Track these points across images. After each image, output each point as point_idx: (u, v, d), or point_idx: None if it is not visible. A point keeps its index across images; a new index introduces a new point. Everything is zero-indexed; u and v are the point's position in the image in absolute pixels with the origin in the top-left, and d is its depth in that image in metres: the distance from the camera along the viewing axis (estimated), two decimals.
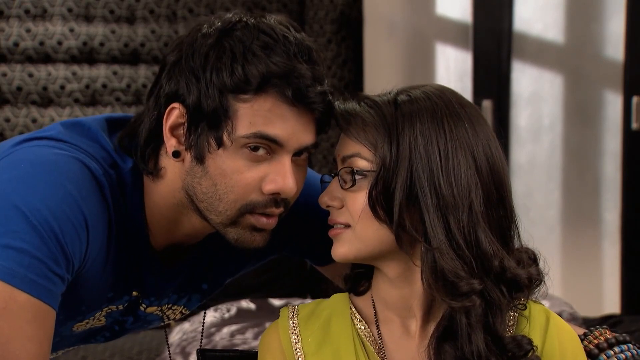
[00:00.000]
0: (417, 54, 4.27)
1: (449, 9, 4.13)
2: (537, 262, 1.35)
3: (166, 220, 1.43)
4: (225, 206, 1.36)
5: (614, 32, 3.62)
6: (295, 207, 1.45)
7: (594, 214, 3.76)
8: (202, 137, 1.35)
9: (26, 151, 1.36)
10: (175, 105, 1.36)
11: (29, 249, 1.25)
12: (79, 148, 1.38)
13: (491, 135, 1.33)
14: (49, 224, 1.27)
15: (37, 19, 3.73)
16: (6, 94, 3.70)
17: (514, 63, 3.90)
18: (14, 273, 1.24)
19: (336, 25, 4.26)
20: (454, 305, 1.27)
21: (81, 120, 1.45)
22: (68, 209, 1.29)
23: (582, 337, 1.42)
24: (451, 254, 1.26)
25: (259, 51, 1.33)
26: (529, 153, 3.87)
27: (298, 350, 1.35)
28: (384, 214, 1.28)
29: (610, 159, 3.68)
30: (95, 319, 1.47)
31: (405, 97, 1.31)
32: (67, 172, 1.33)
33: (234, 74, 1.32)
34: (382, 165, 1.28)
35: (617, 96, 3.61)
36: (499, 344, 1.27)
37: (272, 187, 1.35)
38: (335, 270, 1.58)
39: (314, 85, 1.33)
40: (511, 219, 1.33)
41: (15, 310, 1.24)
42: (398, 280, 1.33)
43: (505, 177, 1.32)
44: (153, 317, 1.55)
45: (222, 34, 1.35)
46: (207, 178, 1.36)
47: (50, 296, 1.27)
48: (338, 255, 1.34)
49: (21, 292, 1.24)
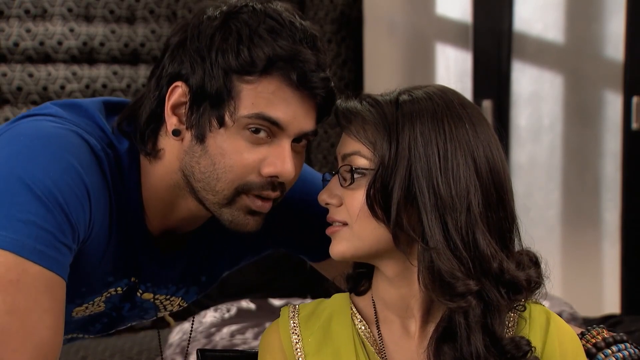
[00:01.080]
0: (417, 54, 4.27)
1: (449, 9, 4.13)
2: (538, 264, 1.35)
3: (162, 202, 1.44)
4: (222, 185, 1.37)
5: (614, 32, 3.62)
6: (292, 202, 1.45)
7: (594, 214, 3.76)
8: (204, 117, 1.36)
9: (25, 126, 1.36)
10: (178, 84, 1.37)
11: (36, 220, 1.25)
12: (77, 125, 1.39)
13: (492, 137, 1.32)
14: (53, 195, 1.27)
15: (37, 19, 3.73)
16: (6, 94, 3.70)
17: (514, 63, 3.91)
18: (23, 245, 1.23)
19: (336, 25, 4.26)
20: (450, 305, 1.27)
21: (78, 101, 1.46)
22: (70, 180, 1.30)
23: (580, 337, 1.42)
24: (448, 254, 1.26)
25: (265, 34, 1.34)
26: (529, 153, 3.87)
27: (299, 350, 1.35)
28: (381, 212, 1.28)
29: (610, 159, 3.68)
30: (94, 304, 1.47)
31: (406, 97, 1.31)
32: (67, 145, 1.33)
33: (240, 56, 1.33)
34: (380, 164, 1.28)
35: (617, 96, 3.61)
36: (498, 345, 1.27)
37: (270, 169, 1.36)
38: (332, 268, 1.58)
39: (317, 71, 1.35)
40: (511, 221, 1.32)
41: (29, 282, 1.23)
42: (396, 280, 1.33)
43: (505, 179, 1.32)
44: (149, 304, 1.55)
45: (228, 16, 1.37)
46: (206, 157, 1.37)
47: (60, 267, 1.27)
48: (335, 253, 1.34)
49: (33, 264, 1.24)
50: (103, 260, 1.40)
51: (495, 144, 1.32)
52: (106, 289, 1.45)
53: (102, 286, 1.44)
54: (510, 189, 1.33)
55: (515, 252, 1.33)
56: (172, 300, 1.57)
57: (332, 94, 1.38)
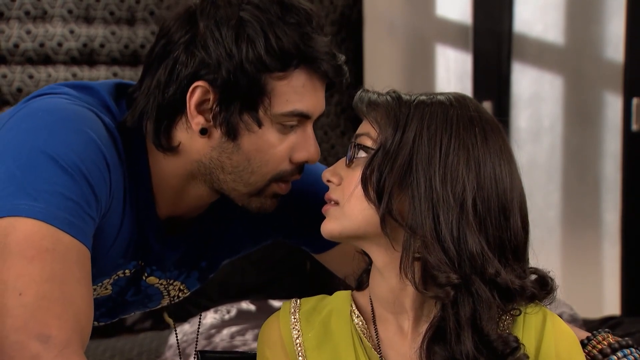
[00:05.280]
0: (417, 55, 4.28)
1: (449, 10, 4.13)
2: (545, 283, 1.36)
3: (172, 189, 1.44)
4: (256, 178, 1.40)
5: (614, 33, 3.62)
6: (293, 192, 1.47)
7: (594, 215, 3.76)
8: (235, 114, 1.36)
9: (40, 103, 1.37)
10: (199, 83, 1.36)
11: (63, 191, 1.25)
12: (90, 104, 1.39)
13: (506, 153, 1.33)
14: (78, 167, 1.27)
15: (37, 21, 3.73)
16: (6, 96, 3.70)
17: (514, 64, 3.91)
18: (55, 215, 1.23)
19: (336, 26, 4.26)
20: (428, 295, 1.29)
21: (88, 82, 1.46)
22: (92, 153, 1.30)
23: (585, 342, 1.43)
24: (437, 246, 1.27)
25: (290, 27, 1.35)
26: (529, 154, 3.87)
27: (299, 345, 1.37)
28: (373, 194, 1.30)
29: (610, 160, 3.68)
30: (103, 287, 1.47)
31: (425, 97, 1.34)
32: (85, 119, 1.34)
33: (269, 52, 1.34)
34: (381, 146, 1.30)
35: (617, 97, 3.61)
36: (486, 343, 1.28)
37: (303, 155, 1.40)
38: (335, 260, 1.59)
39: (335, 58, 1.40)
40: (517, 236, 1.32)
41: (63, 251, 1.23)
42: (385, 271, 1.34)
43: (513, 195, 1.32)
44: (153, 290, 1.55)
45: (247, 7, 1.37)
46: (240, 153, 1.38)
47: (86, 238, 1.27)
48: (324, 230, 1.36)
49: (65, 234, 1.23)
50: (116, 241, 1.40)
51: (508, 160, 1.33)
52: (115, 271, 1.45)
53: (112, 268, 1.44)
54: (521, 207, 1.34)
55: (519, 266, 1.33)
56: (174, 284, 1.58)
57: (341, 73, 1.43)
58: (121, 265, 1.45)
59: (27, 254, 1.21)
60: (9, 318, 1.18)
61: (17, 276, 1.20)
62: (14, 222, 1.22)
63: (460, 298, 1.28)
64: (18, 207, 1.23)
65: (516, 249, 1.33)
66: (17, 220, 1.22)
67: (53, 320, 1.18)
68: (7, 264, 1.20)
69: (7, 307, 1.18)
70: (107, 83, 1.47)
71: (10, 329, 1.17)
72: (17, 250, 1.21)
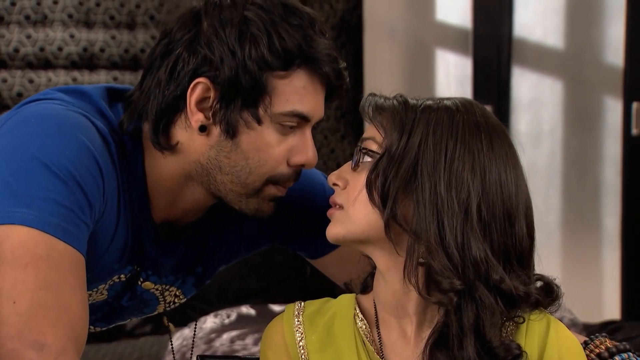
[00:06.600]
0: (417, 60, 4.28)
1: (449, 14, 4.13)
2: (550, 289, 1.35)
3: (168, 191, 1.44)
4: (253, 178, 1.39)
5: (613, 37, 3.62)
6: (290, 197, 1.46)
7: (594, 219, 3.76)
8: (235, 112, 1.36)
9: (33, 109, 1.36)
10: (201, 80, 1.36)
11: (56, 197, 1.25)
12: (83, 109, 1.39)
13: (513, 159, 1.33)
14: (71, 173, 1.27)
15: (38, 25, 3.74)
16: (6, 100, 3.70)
17: (514, 69, 3.91)
18: (48, 222, 1.23)
19: (336, 31, 4.26)
20: (431, 300, 1.29)
21: (81, 87, 1.45)
22: (85, 158, 1.30)
23: (583, 346, 1.42)
24: (440, 252, 1.27)
25: (293, 28, 1.36)
26: (529, 158, 3.86)
27: (302, 348, 1.37)
28: (378, 198, 1.30)
29: (610, 164, 3.68)
30: (98, 292, 1.47)
31: (431, 102, 1.34)
32: (78, 125, 1.33)
33: (272, 51, 1.34)
34: (387, 150, 1.30)
35: (617, 102, 3.62)
36: (488, 349, 1.28)
37: (300, 159, 1.40)
38: (331, 266, 1.59)
39: (336, 61, 1.40)
40: (522, 243, 1.32)
41: (57, 258, 1.22)
42: (388, 275, 1.34)
43: (518, 199, 1.32)
44: (149, 295, 1.55)
45: (251, 8, 1.37)
46: (238, 152, 1.38)
47: (81, 244, 1.27)
48: (329, 234, 1.36)
49: (59, 241, 1.23)
50: (110, 246, 1.40)
51: (514, 166, 1.33)
52: (110, 276, 1.45)
53: (107, 273, 1.44)
54: (527, 214, 1.34)
55: (524, 272, 1.33)
56: (170, 290, 1.57)
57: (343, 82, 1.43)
58: (116, 270, 1.45)
59: (21, 262, 1.21)
60: (3, 326, 1.17)
61: (11, 284, 1.20)
62: (7, 230, 1.22)
63: (464, 304, 1.28)
64: (11, 214, 1.23)
65: (521, 255, 1.32)
66: (11, 228, 1.22)
67: (48, 328, 1.18)
68: (0, 272, 1.20)
69: (2, 316, 1.18)
70: (98, 87, 1.47)
71: (5, 337, 1.17)
72: (11, 258, 1.21)
